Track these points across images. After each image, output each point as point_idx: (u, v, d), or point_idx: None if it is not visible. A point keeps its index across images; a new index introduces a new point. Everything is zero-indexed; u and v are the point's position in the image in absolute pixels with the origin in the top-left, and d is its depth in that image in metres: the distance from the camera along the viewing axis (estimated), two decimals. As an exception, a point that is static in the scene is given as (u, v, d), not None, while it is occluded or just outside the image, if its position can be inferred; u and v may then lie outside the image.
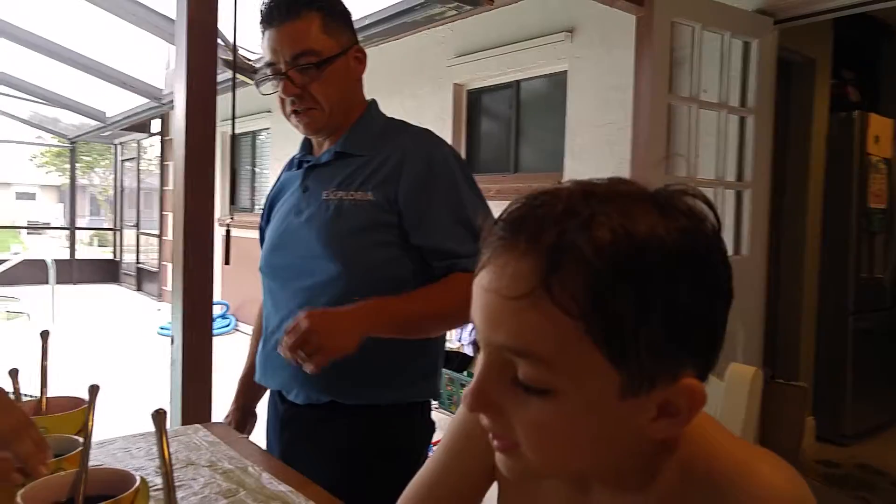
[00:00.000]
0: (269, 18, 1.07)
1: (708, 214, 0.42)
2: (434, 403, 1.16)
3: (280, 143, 5.52)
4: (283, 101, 1.11)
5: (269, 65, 1.09)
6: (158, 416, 0.59)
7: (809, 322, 3.38)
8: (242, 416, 1.30)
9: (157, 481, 0.76)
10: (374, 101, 1.20)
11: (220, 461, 0.86)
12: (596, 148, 3.14)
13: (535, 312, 0.39)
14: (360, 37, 1.21)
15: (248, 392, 1.30)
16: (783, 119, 3.30)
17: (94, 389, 0.66)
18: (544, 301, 0.39)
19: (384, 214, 1.07)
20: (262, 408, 1.30)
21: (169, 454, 0.57)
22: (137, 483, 0.58)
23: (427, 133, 1.15)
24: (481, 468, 0.58)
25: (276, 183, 1.27)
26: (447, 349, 2.00)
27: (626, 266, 0.39)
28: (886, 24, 3.73)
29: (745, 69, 2.55)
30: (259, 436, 1.27)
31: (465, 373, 3.40)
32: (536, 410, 0.41)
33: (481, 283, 0.43)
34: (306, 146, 1.23)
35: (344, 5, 1.14)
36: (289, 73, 1.07)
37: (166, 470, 0.58)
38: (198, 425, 0.95)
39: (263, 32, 1.09)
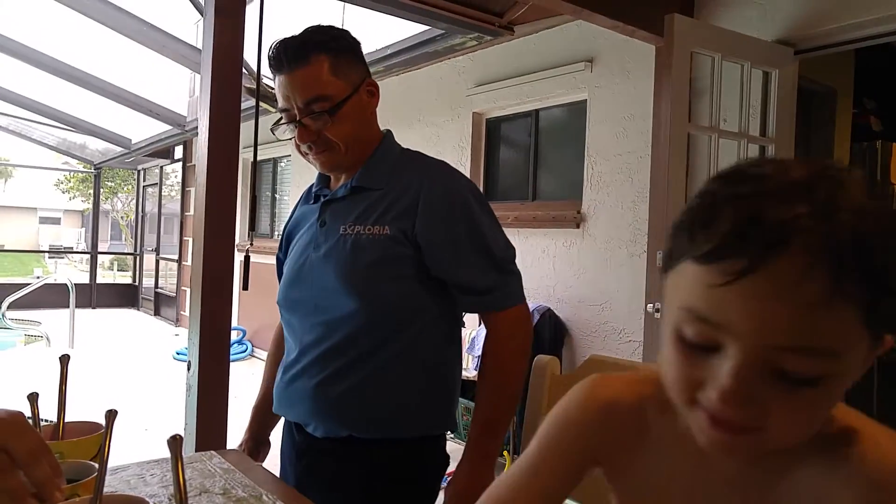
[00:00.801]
0: (279, 65, 1.06)
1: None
2: (449, 434, 1.14)
3: (300, 170, 5.60)
4: (298, 145, 1.12)
5: (283, 111, 1.09)
6: (175, 443, 0.58)
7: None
8: (255, 445, 1.29)
9: (171, 510, 0.74)
10: (389, 133, 1.19)
11: (234, 489, 0.84)
12: (615, 176, 3.13)
13: (828, 313, 0.40)
14: (381, 66, 1.23)
15: (261, 420, 1.29)
16: (804, 149, 3.27)
17: (110, 415, 0.65)
18: (837, 301, 0.39)
19: (401, 247, 1.06)
20: (275, 436, 1.29)
21: (184, 481, 0.56)
22: (151, 512, 0.57)
23: (443, 165, 1.15)
24: (581, 452, 0.57)
25: (292, 214, 1.27)
26: (463, 377, 1.97)
27: (886, 242, 0.40)
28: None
29: (765, 99, 2.54)
30: (272, 464, 1.25)
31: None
32: (808, 399, 0.42)
33: (755, 290, 0.40)
34: (323, 178, 1.23)
35: (352, 38, 1.12)
36: (302, 119, 1.06)
37: (181, 497, 0.56)
38: (212, 452, 0.94)
39: (274, 77, 1.10)
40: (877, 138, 3.33)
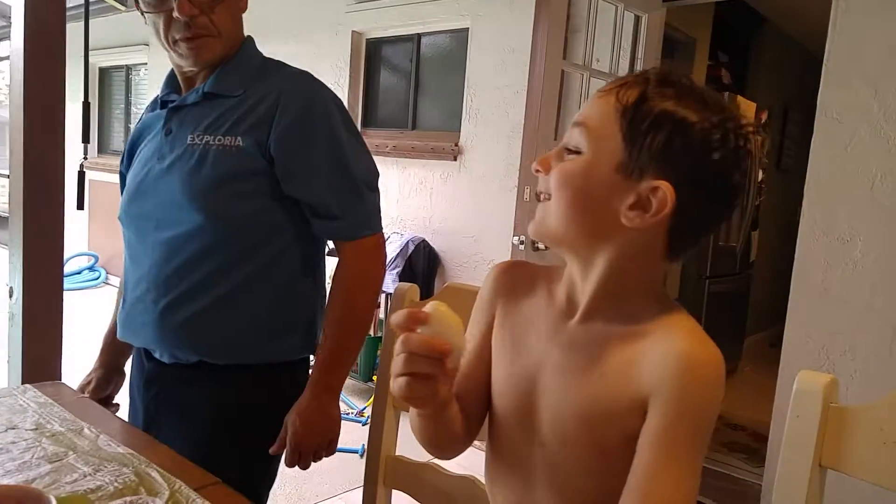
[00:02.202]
0: None
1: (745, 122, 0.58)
2: (312, 359, 1.11)
3: (158, 80, 5.04)
4: (168, 27, 0.99)
5: None
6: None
7: (674, 284, 3.69)
8: (106, 374, 1.19)
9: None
10: (250, 38, 1.10)
11: (49, 423, 0.77)
12: (493, 110, 3.15)
13: (604, 102, 0.58)
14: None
15: (113, 349, 1.18)
16: (665, 95, 3.49)
17: None
18: (612, 98, 0.57)
19: (254, 161, 0.99)
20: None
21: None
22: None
23: (306, 74, 1.07)
24: (489, 299, 0.71)
25: (137, 124, 1.16)
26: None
27: (663, 91, 0.56)
28: (761, 13, 4.02)
29: (635, 42, 2.64)
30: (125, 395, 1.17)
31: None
32: (567, 162, 0.59)
33: (597, 94, 0.60)
34: (171, 82, 1.11)
35: None
36: None
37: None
38: (27, 385, 0.85)
39: None
40: (726, 90, 3.62)
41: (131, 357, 1.15)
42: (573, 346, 0.61)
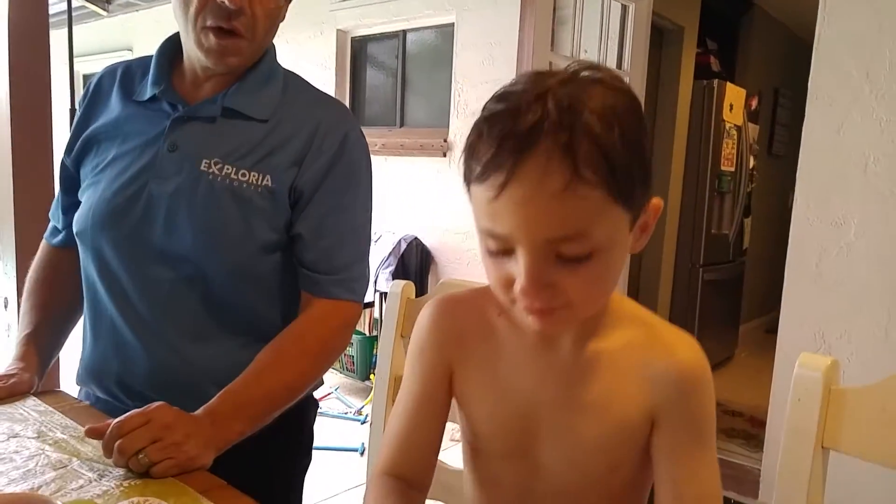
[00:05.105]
0: None
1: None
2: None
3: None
4: (203, 6, 0.81)
5: None
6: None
7: (668, 274, 3.71)
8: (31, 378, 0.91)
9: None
10: (273, 47, 0.95)
11: (51, 431, 0.76)
12: (481, 104, 3.10)
13: (573, 199, 0.46)
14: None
15: (46, 355, 0.96)
16: (654, 84, 3.50)
17: None
18: (578, 187, 0.46)
19: (282, 208, 0.87)
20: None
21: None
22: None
23: (341, 107, 0.97)
24: (438, 351, 0.63)
25: (94, 98, 0.95)
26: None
27: (620, 131, 0.47)
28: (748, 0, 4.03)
29: (622, 32, 2.64)
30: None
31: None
32: (586, 272, 0.49)
33: (513, 198, 0.47)
34: (161, 70, 0.90)
35: None
36: None
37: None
38: (26, 395, 0.84)
39: None
40: (715, 77, 3.63)
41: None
42: (570, 379, 0.58)
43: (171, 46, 0.93)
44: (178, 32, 0.90)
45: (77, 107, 1.01)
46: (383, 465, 0.64)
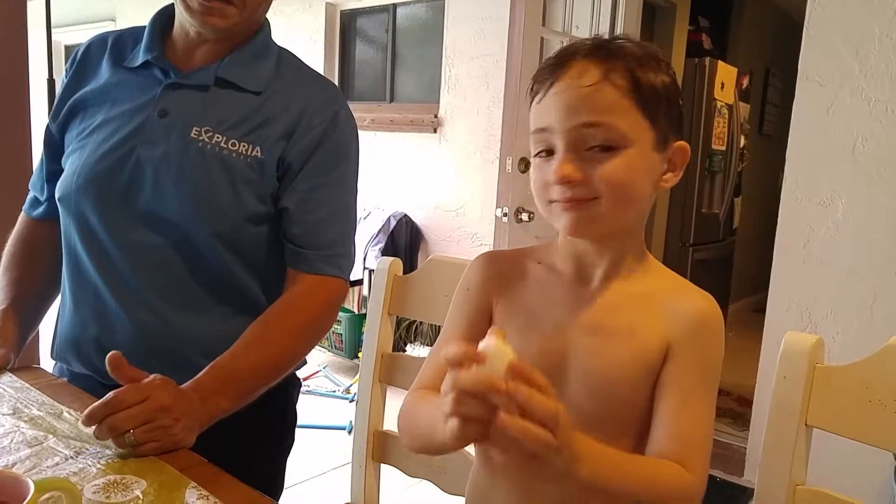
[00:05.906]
0: None
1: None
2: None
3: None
4: None
5: None
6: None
7: (658, 253, 3.71)
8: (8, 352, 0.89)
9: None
10: (268, 22, 0.95)
11: (27, 408, 0.75)
12: (472, 80, 3.10)
13: (601, 94, 0.58)
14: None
15: (25, 328, 0.95)
16: (646, 62, 3.46)
17: None
18: (606, 87, 0.58)
19: (270, 179, 0.88)
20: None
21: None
22: None
23: (334, 87, 0.98)
24: (479, 295, 0.70)
25: (86, 70, 0.93)
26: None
27: (651, 67, 0.60)
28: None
29: (614, 8, 2.60)
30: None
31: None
32: (611, 168, 0.58)
33: (556, 91, 0.60)
34: (155, 42, 0.89)
35: None
36: None
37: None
38: (2, 370, 0.83)
39: None
40: (707, 55, 3.60)
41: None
42: (598, 309, 0.64)
43: (165, 16, 0.92)
44: (171, 4, 0.90)
45: (58, 77, 0.99)
46: (419, 382, 0.70)
